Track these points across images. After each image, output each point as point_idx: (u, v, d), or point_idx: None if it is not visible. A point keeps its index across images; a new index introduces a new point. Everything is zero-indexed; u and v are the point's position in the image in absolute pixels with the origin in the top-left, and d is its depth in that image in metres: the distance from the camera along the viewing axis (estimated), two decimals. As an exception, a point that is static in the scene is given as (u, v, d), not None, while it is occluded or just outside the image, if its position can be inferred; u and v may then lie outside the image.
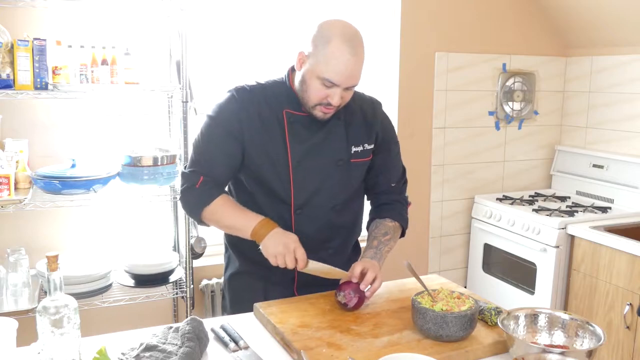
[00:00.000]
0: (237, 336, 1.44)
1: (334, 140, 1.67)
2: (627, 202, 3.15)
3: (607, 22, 3.16)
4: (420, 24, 3.17)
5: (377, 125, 1.76)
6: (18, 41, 2.20)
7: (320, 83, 1.54)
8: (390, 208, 1.83)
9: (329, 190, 1.69)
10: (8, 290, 2.31)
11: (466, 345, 1.38)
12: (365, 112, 1.75)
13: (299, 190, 1.65)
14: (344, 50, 1.50)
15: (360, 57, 1.54)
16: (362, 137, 1.72)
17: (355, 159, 1.71)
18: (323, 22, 1.57)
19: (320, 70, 1.53)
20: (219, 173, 1.66)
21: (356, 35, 1.55)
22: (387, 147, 1.79)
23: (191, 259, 2.53)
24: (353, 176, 1.73)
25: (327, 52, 1.51)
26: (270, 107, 1.65)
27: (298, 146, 1.64)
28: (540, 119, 3.60)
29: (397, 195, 1.86)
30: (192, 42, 2.61)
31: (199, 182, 1.64)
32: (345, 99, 1.59)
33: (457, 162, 3.40)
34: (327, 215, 1.71)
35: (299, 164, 1.64)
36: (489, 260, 3.35)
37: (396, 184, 1.86)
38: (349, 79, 1.53)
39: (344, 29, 1.53)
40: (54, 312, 1.18)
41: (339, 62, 1.50)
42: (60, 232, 2.60)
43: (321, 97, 1.56)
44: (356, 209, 1.82)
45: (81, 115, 2.57)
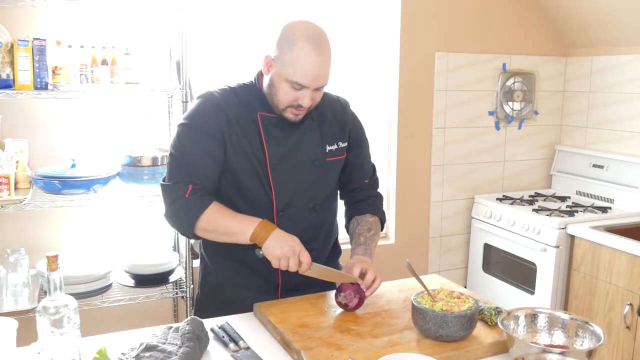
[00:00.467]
0: (237, 336, 1.44)
1: (309, 140, 1.68)
2: (627, 202, 3.15)
3: (607, 22, 3.16)
4: (420, 24, 3.17)
5: (349, 123, 1.78)
6: (18, 41, 2.20)
7: (289, 86, 1.54)
8: (367, 204, 1.84)
9: (309, 190, 1.69)
10: (8, 290, 2.31)
11: (466, 345, 1.38)
12: (335, 110, 1.76)
13: (280, 192, 1.65)
14: (310, 51, 1.50)
15: (327, 57, 1.54)
16: (336, 135, 1.73)
17: (330, 157, 1.72)
18: (286, 25, 1.57)
19: (287, 73, 1.52)
20: (207, 177, 1.60)
21: (321, 36, 1.55)
22: (358, 145, 1.81)
23: (191, 259, 2.53)
24: (329, 175, 1.74)
25: (293, 55, 1.51)
26: (244, 108, 1.63)
27: (275, 148, 1.63)
28: (540, 119, 3.60)
29: (372, 191, 1.88)
30: (192, 42, 2.61)
31: (188, 191, 1.57)
32: (315, 99, 1.59)
33: (457, 162, 3.40)
34: (309, 216, 1.71)
35: (277, 166, 1.63)
36: (489, 260, 3.35)
37: (369, 180, 1.87)
38: (317, 80, 1.53)
39: (307, 30, 1.53)
40: (54, 312, 1.18)
41: (306, 64, 1.50)
42: (60, 232, 2.60)
43: (291, 99, 1.56)
44: (333, 208, 1.83)
45: (81, 115, 2.57)
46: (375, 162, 1.96)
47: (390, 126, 3.25)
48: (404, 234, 3.31)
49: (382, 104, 3.25)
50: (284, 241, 1.54)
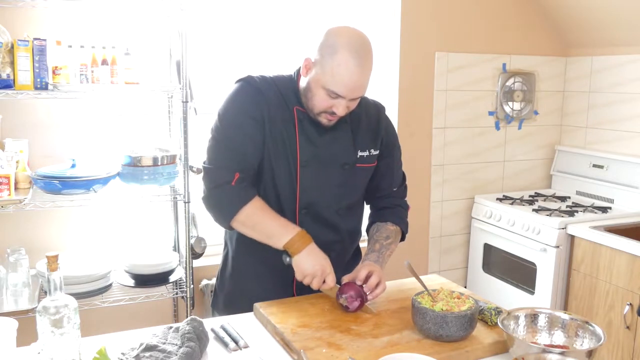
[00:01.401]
0: (237, 336, 1.44)
1: (341, 143, 1.66)
2: (627, 202, 3.15)
3: (607, 22, 3.16)
4: (420, 24, 3.17)
5: (382, 130, 1.75)
6: (18, 41, 2.20)
7: (326, 93, 1.52)
8: (392, 212, 1.82)
9: (334, 193, 1.68)
10: (8, 290, 2.31)
11: (466, 345, 1.38)
12: (370, 117, 1.74)
13: (305, 191, 1.64)
14: (351, 62, 1.47)
15: (368, 69, 1.51)
16: (368, 142, 1.71)
17: (360, 163, 1.70)
18: (331, 29, 1.53)
19: (325, 81, 1.50)
20: (252, 164, 1.57)
21: (364, 45, 1.51)
22: (390, 153, 1.78)
23: (191, 259, 2.53)
24: (358, 181, 1.72)
25: (334, 63, 1.48)
26: (282, 100, 1.61)
27: (307, 146, 1.61)
28: (540, 119, 3.60)
29: (399, 200, 1.86)
30: (192, 42, 2.61)
31: (235, 179, 1.53)
32: (350, 108, 1.58)
33: (457, 162, 3.40)
34: (331, 219, 1.69)
35: (306, 163, 1.62)
36: (489, 260, 3.35)
37: (397, 188, 1.85)
38: (354, 91, 1.51)
39: (351, 39, 1.49)
40: (54, 312, 1.18)
41: (345, 74, 1.47)
42: (60, 232, 2.60)
43: (326, 106, 1.54)
44: (359, 214, 1.81)
45: (81, 115, 2.57)
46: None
47: (390, 126, 3.25)
48: (404, 234, 3.30)
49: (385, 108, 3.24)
50: (317, 260, 1.55)
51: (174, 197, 2.57)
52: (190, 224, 2.51)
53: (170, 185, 2.56)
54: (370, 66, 1.52)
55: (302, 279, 1.57)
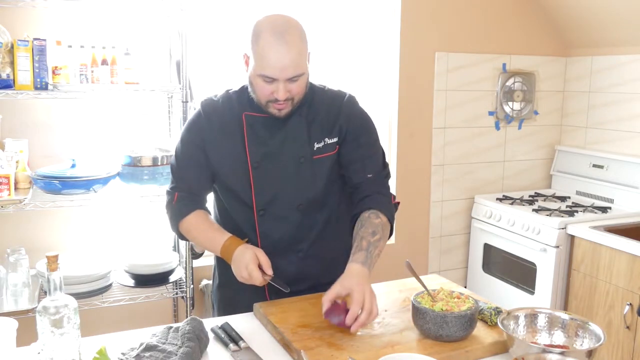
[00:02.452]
0: (237, 336, 1.44)
1: (295, 138, 1.65)
2: (627, 202, 3.15)
3: (607, 22, 3.16)
4: (420, 24, 3.17)
5: (341, 118, 1.69)
6: (18, 41, 2.20)
7: (262, 80, 1.53)
8: (370, 199, 1.67)
9: (292, 189, 1.66)
10: (8, 290, 2.31)
11: (466, 345, 1.38)
12: (329, 107, 1.70)
13: (260, 192, 1.65)
14: (273, 42, 1.49)
15: (294, 46, 1.50)
16: (323, 132, 1.68)
17: (318, 155, 1.67)
18: (255, 21, 1.57)
19: (257, 67, 1.52)
20: (192, 186, 1.70)
21: (286, 24, 1.53)
22: (354, 138, 1.70)
23: (191, 259, 2.53)
24: (318, 173, 1.68)
25: (259, 48, 1.50)
26: (232, 112, 1.66)
27: (257, 148, 1.64)
28: (540, 119, 3.60)
29: (378, 187, 1.70)
30: (192, 42, 2.61)
31: (175, 198, 1.70)
32: (294, 91, 1.55)
33: (457, 162, 3.40)
34: (293, 216, 1.67)
35: (258, 164, 1.64)
36: (489, 260, 3.35)
37: (374, 175, 1.71)
38: (284, 70, 1.50)
39: (272, 22, 1.53)
40: (54, 312, 1.18)
41: (271, 54, 1.49)
42: (60, 232, 2.60)
43: (267, 94, 1.55)
44: (331, 208, 1.72)
45: (81, 115, 2.57)
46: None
47: (390, 126, 3.25)
48: (404, 234, 3.31)
49: (382, 104, 3.25)
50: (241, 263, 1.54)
51: (174, 197, 2.57)
52: (190, 224, 2.51)
53: (170, 185, 2.56)
54: (297, 44, 1.51)
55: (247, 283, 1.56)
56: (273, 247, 1.65)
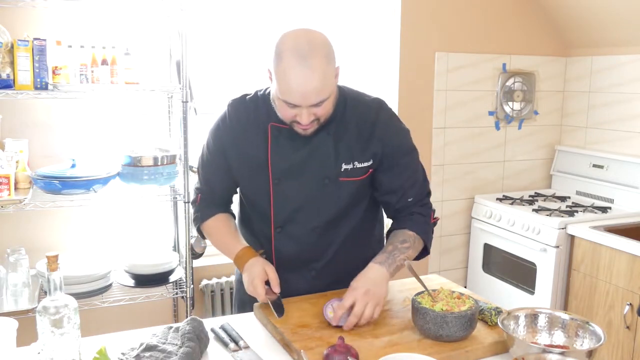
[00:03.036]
0: (237, 336, 1.44)
1: (320, 156, 1.55)
2: (627, 202, 3.15)
3: (607, 22, 3.16)
4: (420, 24, 3.17)
5: (375, 138, 1.57)
6: (18, 41, 2.20)
7: (284, 104, 1.43)
8: (409, 219, 1.62)
9: (311, 210, 1.58)
10: (8, 290, 2.31)
11: (466, 345, 1.38)
12: (362, 123, 1.57)
13: (279, 209, 1.59)
14: (296, 67, 1.35)
15: (318, 70, 1.37)
16: (354, 154, 1.56)
17: (344, 177, 1.56)
18: (279, 36, 1.43)
19: (278, 91, 1.41)
20: (214, 189, 1.70)
21: (310, 45, 1.38)
22: (393, 162, 1.60)
23: (191, 259, 2.53)
24: (341, 195, 1.58)
25: (280, 72, 1.38)
26: (259, 120, 1.58)
27: (280, 162, 1.56)
28: (540, 119, 3.60)
29: (418, 208, 1.64)
30: (192, 42, 2.61)
31: (198, 199, 1.72)
32: (319, 113, 1.45)
33: (457, 162, 3.40)
34: (308, 236, 1.61)
35: (279, 181, 1.56)
36: (489, 260, 3.35)
37: (414, 198, 1.63)
38: (306, 97, 1.39)
39: (295, 42, 1.38)
40: (54, 312, 1.18)
41: (292, 81, 1.37)
42: (60, 232, 2.60)
43: (290, 117, 1.46)
44: (350, 224, 1.64)
45: (81, 115, 2.57)
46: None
47: (390, 126, 3.25)
48: (404, 234, 3.30)
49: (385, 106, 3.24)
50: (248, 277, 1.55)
51: (174, 197, 2.57)
52: (190, 224, 2.51)
53: (170, 185, 2.56)
54: (322, 66, 1.38)
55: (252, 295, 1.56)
56: (287, 263, 1.64)
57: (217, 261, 2.88)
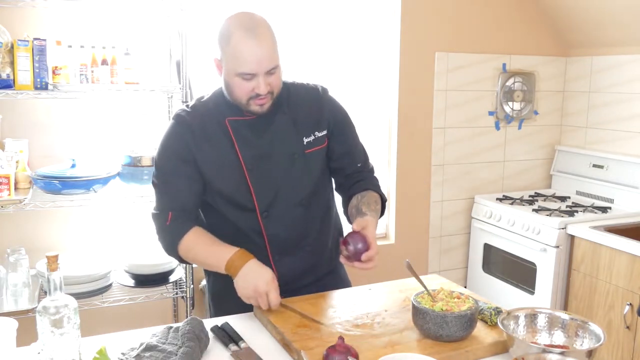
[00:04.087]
0: (237, 336, 1.44)
1: (284, 136, 1.65)
2: (627, 202, 3.15)
3: (607, 22, 3.16)
4: (420, 24, 3.17)
5: (325, 110, 1.72)
6: (18, 41, 2.20)
7: (241, 78, 1.53)
8: (366, 182, 1.78)
9: (291, 186, 1.66)
10: (8, 290, 2.31)
11: (466, 345, 1.38)
12: (310, 100, 1.72)
13: (260, 194, 1.63)
14: (246, 38, 1.49)
15: (266, 38, 1.52)
16: (311, 126, 1.69)
17: (309, 149, 1.68)
18: (222, 23, 1.57)
19: (234, 67, 1.52)
20: (185, 202, 1.64)
21: (254, 21, 1.53)
22: (341, 130, 1.75)
23: (191, 259, 2.52)
24: (312, 167, 1.69)
25: (232, 48, 1.50)
26: (213, 120, 1.63)
27: (248, 151, 1.62)
28: (540, 119, 3.60)
29: (367, 174, 1.82)
30: (192, 42, 2.61)
31: (169, 218, 1.63)
32: (274, 84, 1.56)
33: (457, 162, 3.40)
34: (295, 212, 1.67)
35: (253, 167, 1.62)
36: (489, 260, 3.35)
37: (362, 164, 1.81)
38: (261, 63, 1.51)
39: (240, 20, 1.53)
40: (54, 312, 1.18)
41: (246, 50, 1.49)
42: (60, 232, 2.60)
43: (247, 91, 1.54)
44: (324, 201, 1.77)
45: (81, 115, 2.57)
46: (375, 162, 1.94)
47: (390, 126, 3.25)
48: (404, 234, 3.31)
49: (382, 104, 3.25)
50: (251, 281, 1.53)
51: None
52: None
53: (170, 185, 2.56)
54: (269, 36, 1.53)
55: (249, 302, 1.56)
56: (281, 246, 1.66)
57: (217, 261, 2.88)
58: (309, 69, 3.00)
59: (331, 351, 1.26)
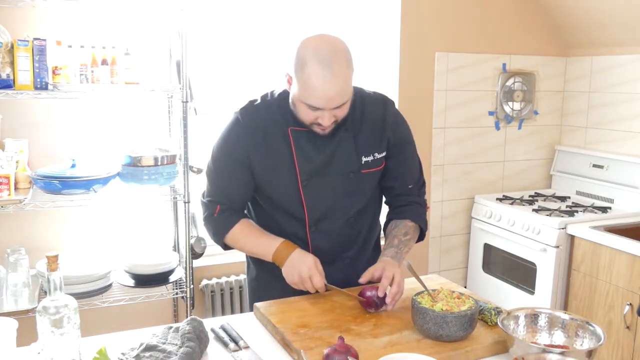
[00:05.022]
0: (237, 336, 1.44)
1: (343, 153, 1.64)
2: (627, 202, 3.15)
3: (607, 22, 3.16)
4: (420, 24, 3.17)
5: (387, 129, 1.70)
6: (18, 41, 2.20)
7: (306, 107, 1.51)
8: (409, 209, 1.78)
9: (342, 203, 1.67)
10: (8, 290, 2.31)
11: (466, 345, 1.38)
12: (373, 117, 1.69)
13: (312, 208, 1.65)
14: (320, 73, 1.44)
15: (341, 75, 1.47)
16: (372, 146, 1.68)
17: (366, 169, 1.67)
18: (301, 42, 1.52)
19: (302, 95, 1.49)
20: (234, 200, 1.69)
21: (333, 51, 1.48)
22: (400, 150, 1.74)
23: (191, 259, 2.53)
24: (365, 186, 1.70)
25: (305, 78, 1.46)
26: (276, 125, 1.62)
27: (306, 164, 1.62)
28: (540, 119, 3.60)
29: (416, 197, 1.81)
30: (192, 42, 2.61)
31: (217, 210, 1.68)
32: (339, 115, 1.54)
33: (457, 162, 3.40)
34: (342, 228, 1.70)
35: (308, 182, 1.63)
36: (489, 260, 3.35)
37: (413, 185, 1.80)
38: (331, 101, 1.48)
39: (318, 49, 1.47)
40: (54, 312, 1.18)
41: (318, 86, 1.45)
42: (60, 232, 2.60)
43: (311, 119, 1.54)
44: (372, 214, 1.79)
45: (81, 115, 2.57)
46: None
47: (390, 126, 3.25)
48: (404, 234, 3.30)
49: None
50: (295, 268, 1.58)
51: (174, 197, 2.57)
52: (190, 224, 2.51)
53: (170, 185, 2.56)
54: (344, 72, 1.48)
55: (297, 288, 1.61)
56: (323, 256, 1.66)
57: (217, 261, 2.88)
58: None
59: (331, 351, 1.26)
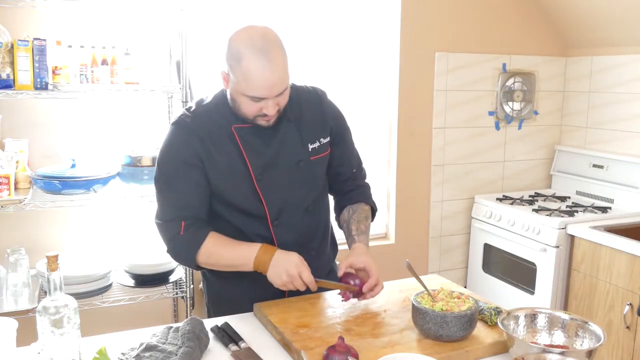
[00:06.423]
0: (237, 336, 1.44)
1: (289, 142, 1.64)
2: (627, 202, 3.15)
3: (607, 22, 3.16)
4: (420, 24, 3.17)
5: (329, 118, 1.72)
6: (18, 41, 2.20)
7: (249, 99, 1.50)
8: (358, 192, 1.83)
9: (298, 193, 1.67)
10: (8, 290, 2.31)
11: (466, 345, 1.38)
12: (312, 106, 1.71)
13: (270, 202, 1.62)
14: (259, 63, 1.44)
15: (278, 62, 1.47)
16: (315, 132, 1.69)
17: (314, 155, 1.68)
18: (231, 37, 1.50)
19: (243, 88, 1.48)
20: (197, 208, 1.60)
21: (266, 40, 1.47)
22: (342, 136, 1.77)
23: (191, 259, 2.52)
24: (317, 173, 1.71)
25: (243, 70, 1.45)
26: (219, 127, 1.59)
27: (256, 159, 1.60)
28: (540, 119, 3.60)
29: (361, 181, 1.87)
30: (192, 42, 2.61)
31: (182, 228, 1.58)
32: (282, 102, 1.55)
33: (457, 162, 3.40)
34: (304, 218, 1.69)
35: (262, 176, 1.60)
36: (489, 260, 3.35)
37: (356, 169, 1.85)
38: (273, 88, 1.48)
39: (251, 39, 1.46)
40: (54, 312, 1.18)
41: (258, 76, 1.45)
42: (60, 232, 2.60)
43: (255, 111, 1.52)
44: (326, 203, 1.82)
45: (81, 115, 2.57)
46: (375, 162, 1.96)
47: (390, 126, 3.25)
48: (404, 234, 3.31)
49: (382, 104, 3.25)
50: (281, 268, 1.54)
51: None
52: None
53: (170, 185, 2.56)
54: (281, 58, 1.48)
55: (286, 289, 1.58)
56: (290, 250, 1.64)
57: (217, 261, 2.88)
58: (309, 69, 3.00)
59: (331, 351, 1.26)
